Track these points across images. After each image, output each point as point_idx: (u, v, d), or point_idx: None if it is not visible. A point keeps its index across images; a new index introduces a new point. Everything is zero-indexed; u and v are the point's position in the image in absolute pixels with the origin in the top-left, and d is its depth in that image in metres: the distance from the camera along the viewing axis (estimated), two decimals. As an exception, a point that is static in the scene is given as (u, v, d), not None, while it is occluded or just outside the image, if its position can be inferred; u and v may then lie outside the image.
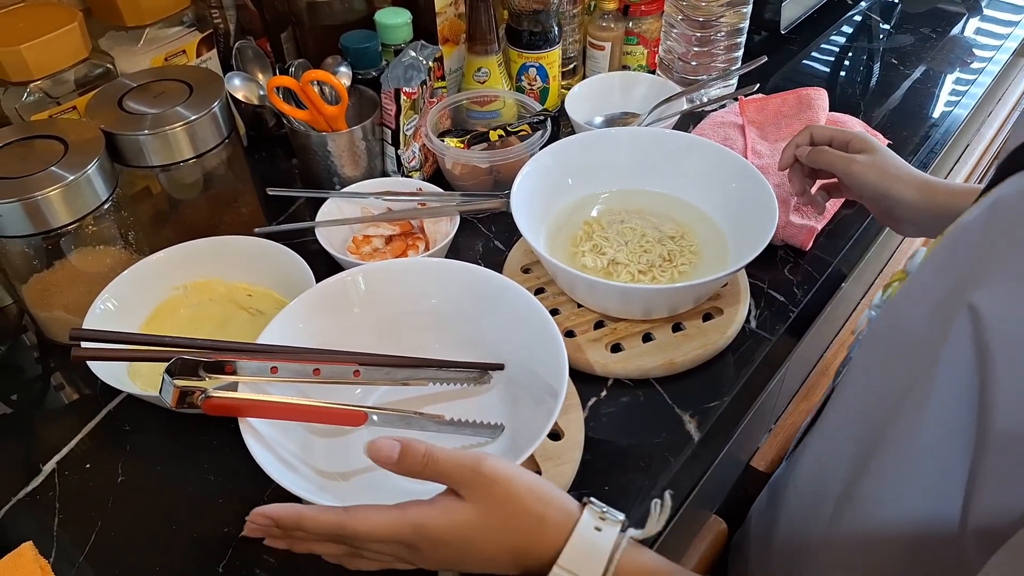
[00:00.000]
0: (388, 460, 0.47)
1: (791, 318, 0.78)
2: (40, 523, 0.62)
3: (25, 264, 0.71)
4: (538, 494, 0.48)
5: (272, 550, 0.60)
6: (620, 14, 1.06)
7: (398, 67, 0.86)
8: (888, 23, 1.29)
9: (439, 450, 0.47)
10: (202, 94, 0.77)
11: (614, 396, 0.71)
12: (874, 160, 0.72)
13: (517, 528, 0.46)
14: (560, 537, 0.46)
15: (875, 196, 0.72)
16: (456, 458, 0.47)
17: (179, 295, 0.76)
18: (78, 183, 0.67)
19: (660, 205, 0.84)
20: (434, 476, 0.47)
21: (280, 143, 0.99)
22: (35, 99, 0.76)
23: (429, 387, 0.67)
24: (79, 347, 0.60)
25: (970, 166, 1.33)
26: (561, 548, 0.46)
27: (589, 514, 0.47)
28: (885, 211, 0.73)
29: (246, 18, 0.93)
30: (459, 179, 0.91)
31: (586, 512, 0.48)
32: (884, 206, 0.72)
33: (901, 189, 0.71)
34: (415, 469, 0.47)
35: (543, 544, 0.46)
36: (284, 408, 0.57)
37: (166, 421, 0.69)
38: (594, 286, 0.71)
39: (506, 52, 1.00)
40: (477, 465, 0.47)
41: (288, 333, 0.64)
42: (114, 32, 0.84)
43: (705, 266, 0.78)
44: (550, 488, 0.49)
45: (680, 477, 0.66)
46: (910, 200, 0.70)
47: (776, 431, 0.90)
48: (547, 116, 0.93)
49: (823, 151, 0.74)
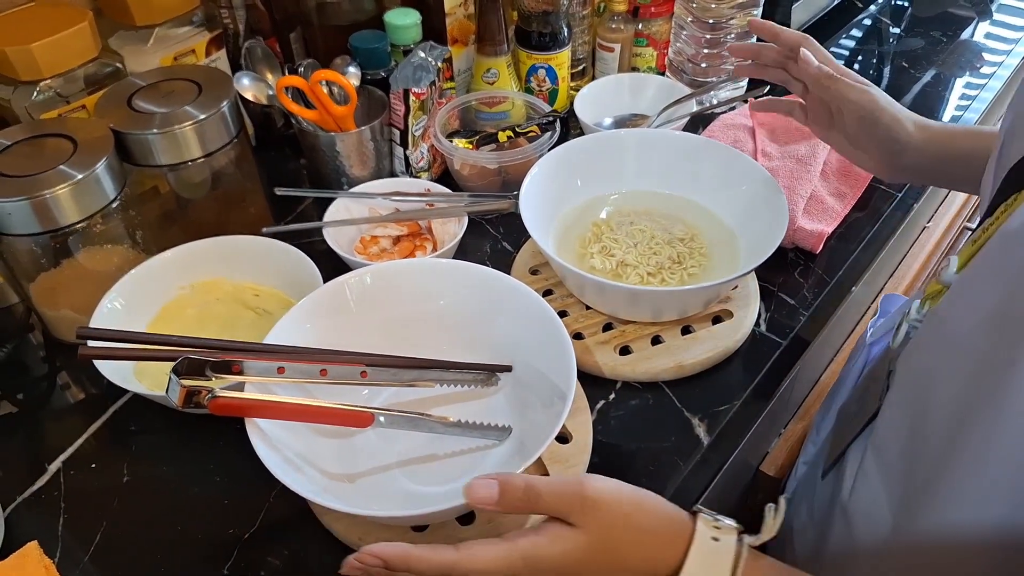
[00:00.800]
0: (488, 501, 0.45)
1: (802, 321, 0.77)
2: (45, 523, 0.62)
3: (32, 262, 0.71)
4: (647, 509, 0.46)
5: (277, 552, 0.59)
6: (630, 16, 1.06)
7: (407, 67, 0.86)
8: (898, 27, 1.29)
9: (539, 481, 0.45)
10: (211, 94, 0.77)
11: (623, 399, 0.70)
12: (872, 91, 0.68)
13: (631, 549, 0.44)
14: (677, 552, 0.44)
15: (873, 130, 0.68)
16: (557, 487, 0.45)
17: (186, 294, 0.76)
18: (87, 182, 0.67)
19: (669, 207, 0.84)
20: (539, 510, 0.45)
21: (288, 143, 0.99)
22: (45, 98, 0.76)
23: (436, 388, 0.67)
24: (86, 346, 0.60)
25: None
26: (680, 563, 0.44)
27: (703, 524, 0.45)
28: (880, 148, 0.69)
29: (255, 18, 0.93)
30: (467, 180, 0.91)
31: (700, 523, 0.45)
32: (880, 139, 0.68)
33: (903, 121, 0.68)
34: (517, 506, 0.45)
35: (660, 561, 0.44)
36: (291, 409, 0.57)
37: (172, 421, 0.69)
38: (603, 288, 0.71)
39: (515, 53, 0.99)
40: (580, 490, 0.44)
41: (295, 333, 0.63)
42: (124, 31, 0.84)
43: (715, 268, 0.78)
44: (657, 500, 0.47)
45: (689, 482, 0.65)
46: (908, 135, 0.68)
47: (786, 435, 0.89)
48: (556, 117, 0.92)
49: (836, 79, 0.68)
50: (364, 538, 0.58)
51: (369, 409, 0.59)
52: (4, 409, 0.72)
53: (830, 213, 0.87)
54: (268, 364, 0.57)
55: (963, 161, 0.68)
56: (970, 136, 0.68)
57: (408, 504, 0.61)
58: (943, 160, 0.69)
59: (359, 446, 0.64)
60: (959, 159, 0.68)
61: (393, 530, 0.59)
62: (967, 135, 0.68)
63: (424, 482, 0.62)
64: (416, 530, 0.59)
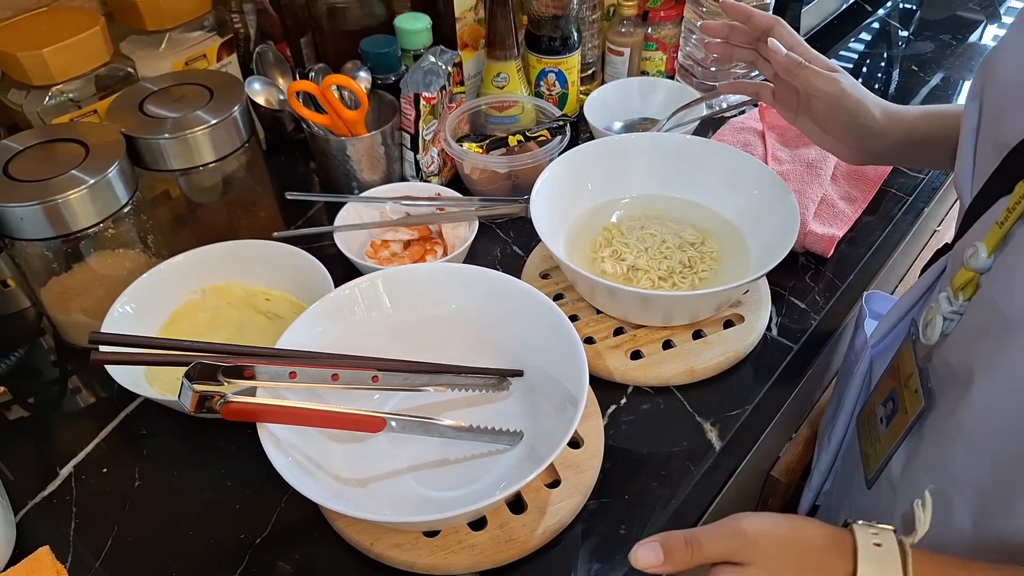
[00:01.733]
0: (656, 564, 0.46)
1: (813, 325, 0.77)
2: (57, 527, 0.62)
3: (44, 267, 0.71)
4: (804, 532, 0.47)
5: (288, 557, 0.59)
6: (639, 20, 1.06)
7: (417, 72, 0.86)
8: (907, 30, 1.28)
9: (697, 531, 0.46)
10: (222, 98, 0.77)
11: (634, 403, 0.70)
12: (839, 79, 0.69)
13: (802, 571, 0.45)
14: (846, 564, 0.45)
15: (840, 116, 0.69)
16: (716, 531, 0.46)
17: (197, 299, 0.76)
18: (99, 186, 0.67)
19: (680, 211, 0.84)
20: (704, 559, 0.46)
21: (299, 147, 0.99)
22: (57, 102, 0.76)
23: (448, 393, 0.66)
24: (97, 350, 0.60)
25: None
26: (853, 572, 0.44)
27: (862, 532, 0.46)
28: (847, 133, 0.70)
29: (266, 23, 0.93)
30: (478, 184, 0.91)
31: (858, 532, 0.46)
32: (847, 125, 0.70)
33: (869, 108, 0.69)
34: (684, 559, 0.46)
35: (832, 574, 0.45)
36: (303, 413, 0.57)
37: (183, 426, 0.69)
38: (615, 292, 0.71)
39: (525, 57, 0.99)
40: (738, 528, 0.46)
41: (306, 338, 0.63)
42: (135, 36, 0.84)
43: (726, 273, 0.77)
44: (809, 522, 0.48)
45: (701, 487, 0.65)
46: (874, 120, 0.69)
47: (797, 440, 0.89)
48: (566, 121, 0.92)
49: (804, 67, 0.68)
50: (375, 543, 0.58)
51: (381, 414, 0.59)
52: (16, 413, 0.72)
53: (841, 217, 0.86)
54: (280, 369, 0.57)
55: (933, 143, 0.69)
56: (936, 117, 0.69)
57: (420, 509, 0.60)
58: (911, 144, 0.70)
59: (370, 451, 0.64)
60: (927, 141, 0.69)
61: (405, 534, 0.58)
62: (932, 116, 0.69)
63: (436, 487, 0.62)
64: (427, 535, 0.59)
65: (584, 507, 0.61)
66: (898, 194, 0.92)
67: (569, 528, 0.60)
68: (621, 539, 0.60)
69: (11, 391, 0.73)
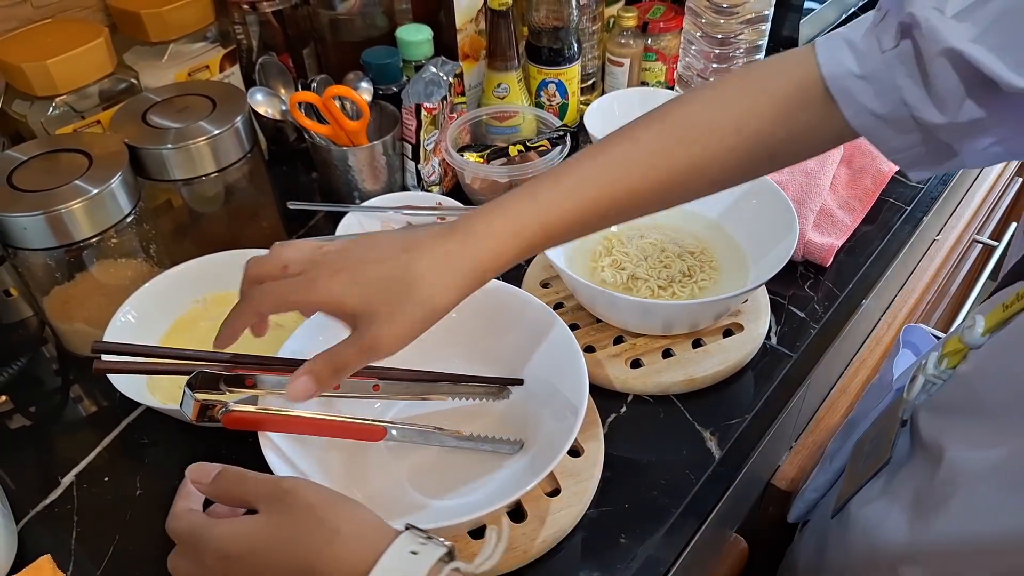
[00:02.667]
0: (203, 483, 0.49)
1: (812, 334, 0.77)
2: (58, 536, 0.62)
3: (47, 276, 0.72)
4: (337, 510, 0.45)
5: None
6: (639, 31, 1.06)
7: (419, 83, 0.87)
8: (907, 40, 1.29)
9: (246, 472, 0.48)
10: (225, 109, 0.77)
11: (634, 412, 0.70)
12: None
13: (306, 540, 0.44)
14: (362, 559, 0.43)
15: None
16: (258, 475, 0.48)
17: (199, 308, 0.76)
18: (102, 196, 0.68)
19: (680, 220, 0.84)
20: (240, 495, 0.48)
21: (301, 157, 1.00)
22: (60, 113, 0.77)
23: (448, 402, 0.67)
24: (100, 360, 0.60)
25: (988, 184, 1.32)
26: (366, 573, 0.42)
27: (407, 537, 0.44)
28: None
29: (269, 34, 0.94)
30: (479, 193, 0.91)
31: (403, 536, 0.44)
32: None
33: None
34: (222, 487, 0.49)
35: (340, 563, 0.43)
36: (304, 423, 0.57)
37: (184, 435, 0.69)
38: (615, 301, 0.71)
39: (526, 68, 1.00)
40: (277, 479, 0.48)
41: (308, 347, 0.63)
42: (139, 47, 0.85)
43: (725, 282, 0.78)
44: (356, 506, 0.46)
45: (701, 495, 0.65)
46: None
47: (797, 449, 0.89)
48: (566, 131, 0.93)
49: None
50: (376, 552, 0.58)
51: (381, 423, 0.59)
52: (17, 422, 0.72)
53: (839, 226, 0.87)
54: (281, 378, 0.57)
55: None
56: None
57: (419, 517, 0.60)
58: None
59: (371, 459, 0.64)
60: None
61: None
62: None
63: (435, 495, 0.62)
64: (428, 544, 0.59)
65: (584, 516, 0.62)
66: (897, 203, 0.92)
67: (569, 537, 0.61)
68: (621, 548, 0.60)
69: (13, 400, 0.74)
